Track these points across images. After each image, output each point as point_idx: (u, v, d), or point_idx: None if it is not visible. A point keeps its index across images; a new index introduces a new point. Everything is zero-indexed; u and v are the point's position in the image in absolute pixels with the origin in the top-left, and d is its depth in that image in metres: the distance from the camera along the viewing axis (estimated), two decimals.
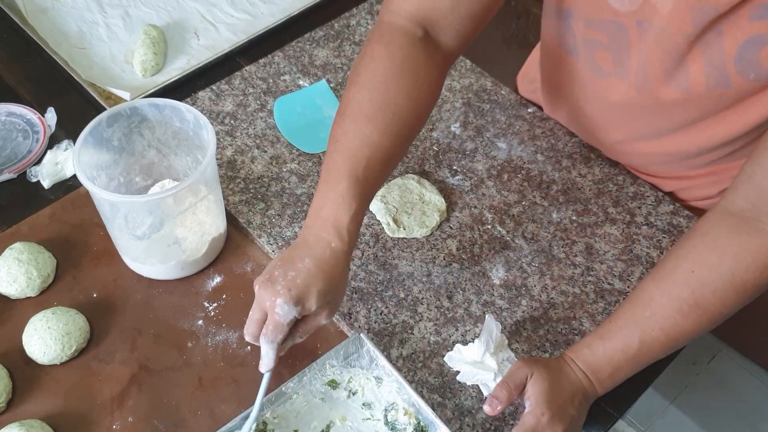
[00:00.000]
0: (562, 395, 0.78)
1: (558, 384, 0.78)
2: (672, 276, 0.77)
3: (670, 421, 1.85)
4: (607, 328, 0.80)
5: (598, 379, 0.79)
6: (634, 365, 0.79)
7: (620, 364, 0.78)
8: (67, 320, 0.85)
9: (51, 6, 1.25)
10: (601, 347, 0.79)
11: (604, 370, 0.79)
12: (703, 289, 0.75)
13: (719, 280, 0.74)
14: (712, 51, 0.77)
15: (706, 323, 0.76)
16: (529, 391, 0.78)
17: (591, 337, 0.80)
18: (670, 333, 0.76)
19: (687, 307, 0.75)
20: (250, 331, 0.77)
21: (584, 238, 0.98)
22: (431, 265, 0.95)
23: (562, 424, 0.76)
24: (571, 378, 0.79)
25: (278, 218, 0.99)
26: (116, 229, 0.90)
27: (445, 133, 1.10)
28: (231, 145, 1.07)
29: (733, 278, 0.74)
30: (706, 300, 0.75)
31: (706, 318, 0.75)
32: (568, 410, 0.77)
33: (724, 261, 0.74)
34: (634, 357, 0.78)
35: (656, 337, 0.76)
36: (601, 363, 0.79)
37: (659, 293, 0.77)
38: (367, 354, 0.84)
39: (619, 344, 0.78)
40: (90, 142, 0.86)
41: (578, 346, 0.81)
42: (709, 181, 1.02)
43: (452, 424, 0.82)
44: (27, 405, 0.83)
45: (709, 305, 0.75)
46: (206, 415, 0.82)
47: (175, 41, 1.21)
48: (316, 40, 1.21)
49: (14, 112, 1.10)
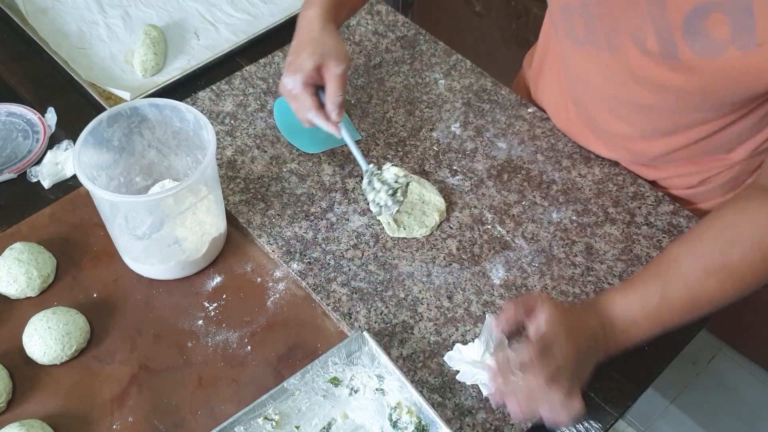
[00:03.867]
0: (576, 325, 0.75)
1: (572, 316, 0.76)
2: (700, 237, 0.76)
3: (670, 421, 1.85)
4: (628, 283, 0.79)
5: (613, 332, 0.76)
6: (653, 323, 0.77)
7: (636, 319, 0.76)
8: (67, 320, 0.85)
9: (51, 6, 1.25)
10: (619, 299, 0.77)
11: (619, 322, 0.76)
12: (730, 250, 0.74)
13: (747, 243, 0.74)
14: (660, 18, 0.76)
15: (729, 287, 0.75)
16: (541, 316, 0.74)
17: (610, 290, 0.79)
18: (693, 291, 0.75)
19: (713, 266, 0.74)
20: (300, 118, 0.93)
21: (584, 238, 0.98)
22: (431, 265, 0.95)
23: (575, 347, 0.73)
24: (584, 318, 0.76)
25: (278, 218, 0.99)
26: (116, 229, 0.90)
27: (445, 133, 1.10)
28: (231, 145, 1.07)
29: (761, 243, 0.73)
30: (732, 262, 0.74)
31: (730, 281, 0.74)
32: (580, 340, 0.74)
33: (754, 225, 0.74)
34: (653, 313, 0.76)
35: (678, 294, 0.75)
36: (617, 315, 0.76)
37: (686, 252, 0.76)
38: (369, 353, 0.84)
39: (638, 298, 0.76)
40: (90, 142, 0.86)
41: (596, 297, 0.79)
42: (690, 171, 1.03)
43: (452, 423, 0.82)
44: (27, 405, 0.83)
45: (735, 267, 0.74)
46: (206, 415, 0.82)
47: (175, 41, 1.21)
48: None
49: (14, 112, 1.10)
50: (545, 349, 0.72)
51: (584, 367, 0.75)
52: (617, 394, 0.86)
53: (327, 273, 0.94)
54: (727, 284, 0.75)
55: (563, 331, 0.73)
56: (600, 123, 1.02)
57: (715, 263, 0.74)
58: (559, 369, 0.71)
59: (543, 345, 0.72)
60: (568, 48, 0.97)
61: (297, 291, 0.93)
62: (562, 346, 0.72)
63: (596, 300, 0.79)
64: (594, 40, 0.89)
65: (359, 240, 0.97)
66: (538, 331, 0.73)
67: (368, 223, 0.99)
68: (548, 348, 0.72)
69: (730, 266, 0.74)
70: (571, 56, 0.99)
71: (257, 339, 0.88)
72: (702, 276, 0.75)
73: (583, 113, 1.05)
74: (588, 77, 0.98)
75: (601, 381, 0.87)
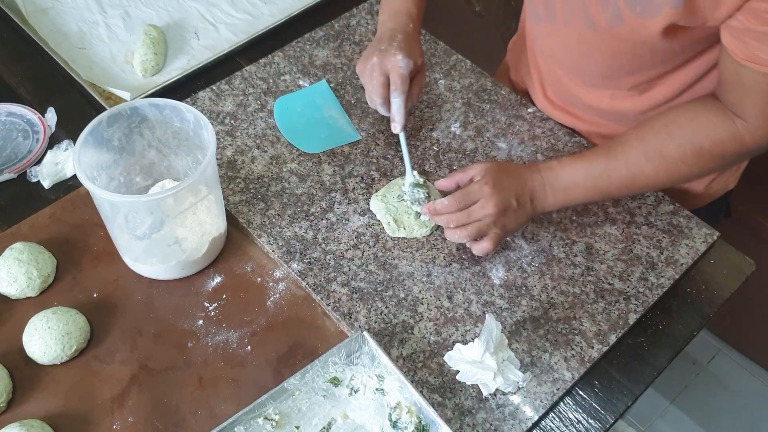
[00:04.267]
0: (510, 180, 0.88)
1: (509, 172, 0.90)
2: (649, 125, 0.88)
3: (670, 421, 1.85)
4: (582, 153, 0.92)
5: (553, 188, 0.90)
6: (593, 188, 0.90)
7: (579, 180, 0.89)
8: (67, 320, 0.85)
9: (51, 6, 1.25)
10: (568, 163, 0.90)
11: (563, 181, 0.89)
12: (668, 141, 0.86)
13: (683, 138, 0.86)
14: None
15: (663, 173, 0.88)
16: (477, 168, 0.89)
17: (566, 157, 0.92)
18: (632, 170, 0.88)
19: (652, 152, 0.87)
20: (377, 94, 0.97)
21: (584, 238, 0.98)
22: (431, 265, 0.95)
23: (500, 200, 0.86)
24: (525, 175, 0.90)
25: (278, 218, 0.99)
26: (116, 229, 0.90)
27: (445, 133, 1.10)
28: (231, 145, 1.07)
29: (694, 140, 0.85)
30: (668, 151, 0.86)
31: (664, 168, 0.87)
32: (510, 196, 0.87)
33: (693, 124, 0.86)
34: (594, 180, 0.89)
35: (619, 171, 0.88)
36: (563, 174, 0.89)
37: (633, 138, 0.89)
38: (369, 353, 0.84)
39: (584, 165, 0.89)
40: (90, 142, 0.86)
41: (550, 160, 0.92)
42: None
43: (452, 423, 0.82)
44: (27, 405, 0.83)
45: (670, 157, 0.86)
46: (206, 415, 0.82)
47: (175, 41, 1.21)
48: (316, 40, 1.21)
49: (14, 112, 1.10)
50: (468, 196, 0.87)
51: (517, 216, 0.89)
52: (617, 394, 0.87)
53: (327, 273, 0.94)
54: (661, 170, 0.87)
55: (490, 183, 0.87)
56: (574, 94, 1.08)
57: (654, 151, 0.87)
58: (506, 207, 0.87)
59: (467, 192, 0.87)
60: (534, 26, 1.07)
61: (297, 291, 0.93)
62: (490, 197, 0.86)
63: (541, 163, 0.92)
64: (551, 15, 0.97)
65: (359, 240, 0.97)
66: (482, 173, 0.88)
67: (368, 223, 0.99)
68: (470, 195, 0.87)
69: (666, 155, 0.86)
70: (536, 34, 1.08)
71: (257, 339, 0.88)
72: (642, 159, 0.87)
73: (557, 88, 1.12)
74: (553, 52, 1.06)
75: (601, 381, 0.87)
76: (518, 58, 1.22)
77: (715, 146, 0.85)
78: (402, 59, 0.96)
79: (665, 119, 0.88)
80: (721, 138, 0.84)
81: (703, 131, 0.85)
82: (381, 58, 0.97)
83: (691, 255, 0.96)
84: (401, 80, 0.96)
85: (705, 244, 0.98)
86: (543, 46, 1.09)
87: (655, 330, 0.92)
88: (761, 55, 0.75)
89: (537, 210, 0.91)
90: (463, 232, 0.88)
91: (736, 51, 0.78)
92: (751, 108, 0.81)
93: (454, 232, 0.89)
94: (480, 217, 0.87)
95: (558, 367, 0.86)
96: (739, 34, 0.77)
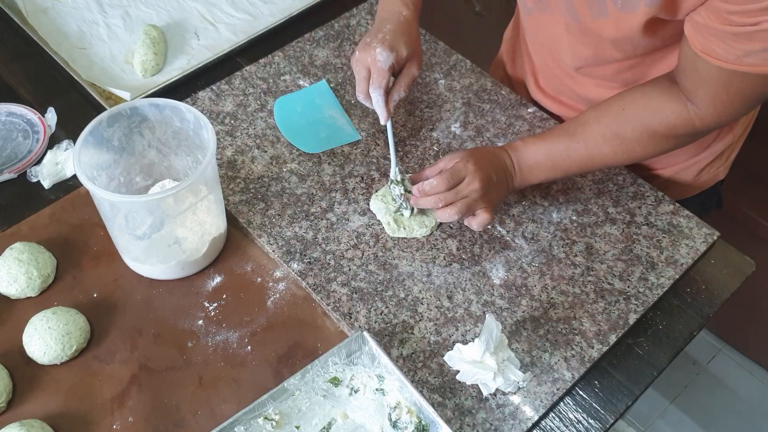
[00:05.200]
0: (488, 158, 0.92)
1: (484, 151, 0.94)
2: (607, 107, 0.92)
3: (670, 421, 1.85)
4: (541, 134, 0.96)
5: (520, 167, 0.94)
6: (554, 168, 0.94)
7: (541, 161, 0.94)
8: (67, 320, 0.85)
9: (51, 6, 1.25)
10: (530, 144, 0.94)
11: (527, 160, 0.94)
12: (625, 124, 0.90)
13: (638, 120, 0.89)
14: None
15: (620, 153, 0.92)
16: (454, 154, 0.93)
17: (530, 136, 0.96)
18: (591, 151, 0.92)
19: (609, 133, 0.91)
20: (360, 89, 0.98)
21: (584, 238, 0.98)
22: (431, 265, 0.95)
23: (484, 175, 0.90)
24: (497, 153, 0.94)
25: (278, 218, 0.99)
26: (116, 229, 0.90)
27: (445, 133, 1.10)
28: (231, 145, 1.07)
29: (650, 125, 0.89)
30: (625, 133, 0.90)
31: (621, 148, 0.91)
32: (490, 171, 0.91)
33: (648, 108, 0.89)
34: (555, 160, 0.93)
35: (578, 151, 0.93)
36: (527, 153, 0.94)
37: (593, 118, 0.93)
38: (369, 353, 0.84)
39: (545, 146, 0.94)
40: (90, 142, 0.86)
41: (515, 141, 0.96)
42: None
43: (452, 423, 0.82)
44: (27, 405, 0.83)
45: (626, 138, 0.90)
46: (206, 415, 0.82)
47: (175, 41, 1.21)
48: (316, 40, 1.21)
49: (14, 112, 1.10)
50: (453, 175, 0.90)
51: (498, 190, 0.93)
52: (617, 394, 0.87)
53: (327, 273, 0.94)
54: (619, 151, 0.92)
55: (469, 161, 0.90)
56: (563, 83, 1.09)
57: (611, 132, 0.91)
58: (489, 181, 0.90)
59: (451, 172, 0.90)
60: (524, 18, 1.10)
61: (297, 291, 0.93)
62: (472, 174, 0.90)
63: (508, 144, 0.96)
64: (541, 6, 1.00)
65: (359, 240, 0.97)
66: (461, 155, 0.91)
67: (368, 223, 0.99)
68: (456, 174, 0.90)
69: (622, 137, 0.91)
70: (527, 25, 1.11)
71: (257, 339, 0.88)
72: (600, 140, 0.92)
73: (548, 77, 1.14)
74: (543, 41, 1.08)
75: (601, 381, 0.87)
76: (513, 49, 1.24)
77: (668, 130, 0.89)
78: (381, 52, 0.95)
79: (622, 102, 0.91)
80: (674, 122, 0.88)
81: (657, 116, 0.88)
82: (362, 52, 0.97)
83: (691, 255, 0.97)
84: (378, 74, 0.96)
85: (705, 244, 0.98)
86: (533, 37, 1.11)
87: (655, 330, 0.92)
88: (717, 49, 0.78)
89: (510, 186, 0.95)
90: (453, 210, 0.90)
91: (695, 42, 0.80)
92: (703, 96, 0.84)
93: (444, 210, 0.91)
94: (467, 193, 0.90)
95: (558, 367, 0.86)
96: (700, 28, 0.79)
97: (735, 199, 1.24)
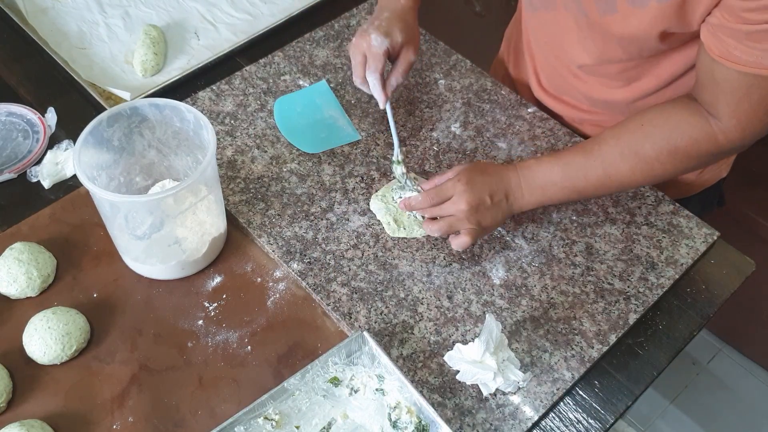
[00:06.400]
0: (484, 178, 0.90)
1: (484, 170, 0.91)
2: (625, 125, 0.89)
3: (670, 421, 1.85)
4: (560, 151, 0.93)
5: (529, 186, 0.90)
6: (570, 188, 0.90)
7: (556, 179, 0.90)
8: (67, 320, 0.85)
9: (51, 6, 1.25)
10: (545, 163, 0.91)
11: (539, 180, 0.90)
12: (644, 141, 0.87)
13: (658, 136, 0.86)
14: None
15: (639, 173, 0.88)
16: (454, 169, 0.91)
17: (544, 155, 0.93)
18: (608, 170, 0.89)
19: (627, 150, 0.88)
20: (356, 74, 0.97)
21: (584, 238, 0.98)
22: (431, 265, 0.95)
23: (472, 197, 0.88)
24: (501, 173, 0.91)
25: (278, 218, 0.99)
26: (116, 229, 0.90)
27: (445, 133, 1.10)
28: (231, 145, 1.07)
29: (669, 140, 0.86)
30: (644, 151, 0.87)
31: (640, 167, 0.88)
32: (484, 194, 0.89)
33: (668, 124, 0.86)
34: (571, 179, 0.90)
35: (595, 170, 0.89)
36: (540, 173, 0.90)
37: (610, 137, 0.89)
38: (369, 353, 0.84)
39: (561, 165, 0.90)
40: (90, 142, 0.86)
41: (528, 159, 0.93)
42: None
43: (452, 423, 0.82)
44: (27, 405, 0.83)
45: (646, 156, 0.87)
46: (206, 415, 0.82)
47: (175, 41, 1.21)
48: (316, 40, 1.21)
49: (14, 112, 1.10)
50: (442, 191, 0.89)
51: (491, 214, 0.90)
52: (617, 394, 0.87)
53: (327, 273, 0.94)
54: (637, 170, 0.88)
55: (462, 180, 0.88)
56: (567, 82, 1.08)
57: (630, 150, 0.87)
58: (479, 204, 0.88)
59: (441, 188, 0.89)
60: (529, 16, 1.09)
61: (297, 291, 0.93)
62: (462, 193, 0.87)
63: (518, 162, 0.93)
64: (548, 4, 0.98)
65: (359, 240, 0.97)
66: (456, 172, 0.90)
67: (368, 223, 0.99)
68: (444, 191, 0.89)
69: (642, 155, 0.87)
70: (532, 24, 1.09)
71: (257, 339, 0.88)
72: (618, 159, 0.88)
73: (551, 76, 1.12)
74: (548, 39, 1.06)
75: (601, 381, 0.87)
76: (514, 48, 1.24)
77: (690, 146, 0.85)
78: (376, 38, 0.95)
79: (641, 119, 0.88)
80: (696, 137, 0.85)
81: (678, 131, 0.85)
82: (359, 38, 0.97)
83: (691, 255, 0.97)
84: (373, 59, 0.95)
85: (705, 244, 0.98)
86: (537, 36, 1.10)
87: (655, 330, 0.92)
88: (734, 52, 0.76)
89: (513, 208, 0.92)
90: (435, 226, 0.90)
91: (711, 47, 0.79)
92: (724, 107, 0.82)
93: (427, 225, 0.92)
94: (452, 212, 0.89)
95: (558, 367, 0.86)
96: (716, 31, 0.77)
97: (735, 200, 1.24)
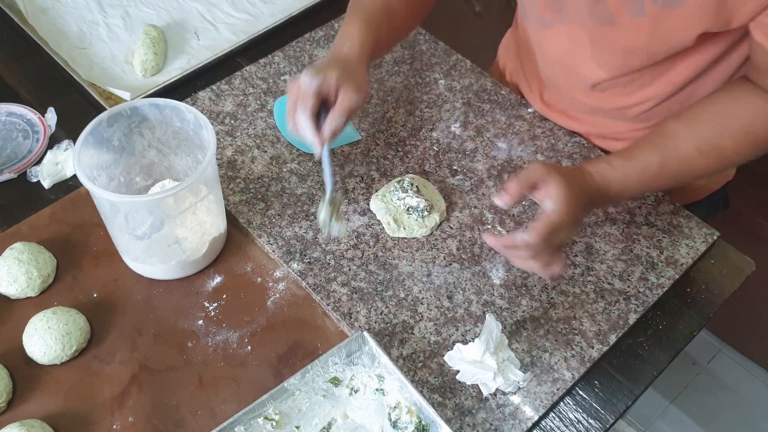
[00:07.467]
0: (581, 202, 0.82)
1: (579, 191, 0.82)
2: (697, 117, 0.85)
3: (670, 421, 1.85)
4: (630, 151, 0.86)
5: (607, 194, 0.85)
6: (645, 188, 0.88)
7: (632, 184, 0.85)
8: (67, 320, 0.85)
9: (51, 6, 1.25)
10: (621, 165, 0.84)
11: (617, 185, 0.84)
12: (723, 132, 0.83)
13: (738, 127, 0.83)
14: None
15: (714, 165, 0.86)
16: (551, 191, 0.79)
17: (613, 156, 0.86)
18: (685, 166, 0.85)
19: (706, 146, 0.83)
20: (289, 117, 0.87)
21: (584, 238, 0.98)
22: (431, 265, 0.95)
23: (577, 229, 0.88)
24: (586, 187, 0.84)
25: (278, 218, 0.99)
26: (116, 229, 0.90)
27: (445, 133, 1.10)
28: (231, 145, 1.07)
29: (750, 129, 0.82)
30: (723, 143, 0.83)
31: (718, 160, 0.85)
32: (582, 217, 0.85)
33: (745, 112, 0.83)
34: (648, 181, 0.85)
35: (672, 167, 0.84)
36: (617, 178, 0.84)
37: (684, 129, 0.85)
38: (369, 353, 0.84)
39: (639, 165, 0.84)
40: (90, 142, 0.86)
41: (598, 161, 0.86)
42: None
43: (452, 423, 0.82)
44: (27, 405, 0.83)
45: (725, 148, 0.83)
46: (206, 415, 0.82)
47: (175, 41, 1.21)
48: (316, 40, 1.21)
49: (14, 112, 1.10)
50: (553, 232, 0.78)
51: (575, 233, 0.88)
52: (617, 394, 0.87)
53: (327, 273, 0.94)
54: (715, 161, 0.85)
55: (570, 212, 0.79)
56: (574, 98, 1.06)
57: (708, 144, 0.83)
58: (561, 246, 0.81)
59: (551, 228, 0.78)
60: (537, 32, 1.03)
61: (297, 291, 0.93)
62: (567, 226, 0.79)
63: (597, 167, 0.84)
64: (562, 18, 0.94)
65: (359, 240, 0.97)
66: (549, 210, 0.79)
67: (368, 223, 0.99)
68: (556, 231, 0.78)
69: (721, 149, 0.83)
70: (541, 41, 1.03)
71: (257, 339, 0.88)
72: (695, 154, 0.84)
73: (557, 93, 1.10)
74: (559, 56, 1.02)
75: (601, 381, 0.87)
76: (513, 62, 1.21)
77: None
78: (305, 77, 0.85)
79: (714, 109, 0.84)
80: None
81: (758, 119, 0.82)
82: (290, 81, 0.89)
83: (691, 255, 0.97)
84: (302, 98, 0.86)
85: (705, 244, 0.98)
86: (547, 55, 1.04)
87: (655, 330, 0.92)
88: None
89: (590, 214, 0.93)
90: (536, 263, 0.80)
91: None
92: None
93: (526, 262, 0.81)
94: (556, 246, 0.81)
95: (558, 367, 0.86)
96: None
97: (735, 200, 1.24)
